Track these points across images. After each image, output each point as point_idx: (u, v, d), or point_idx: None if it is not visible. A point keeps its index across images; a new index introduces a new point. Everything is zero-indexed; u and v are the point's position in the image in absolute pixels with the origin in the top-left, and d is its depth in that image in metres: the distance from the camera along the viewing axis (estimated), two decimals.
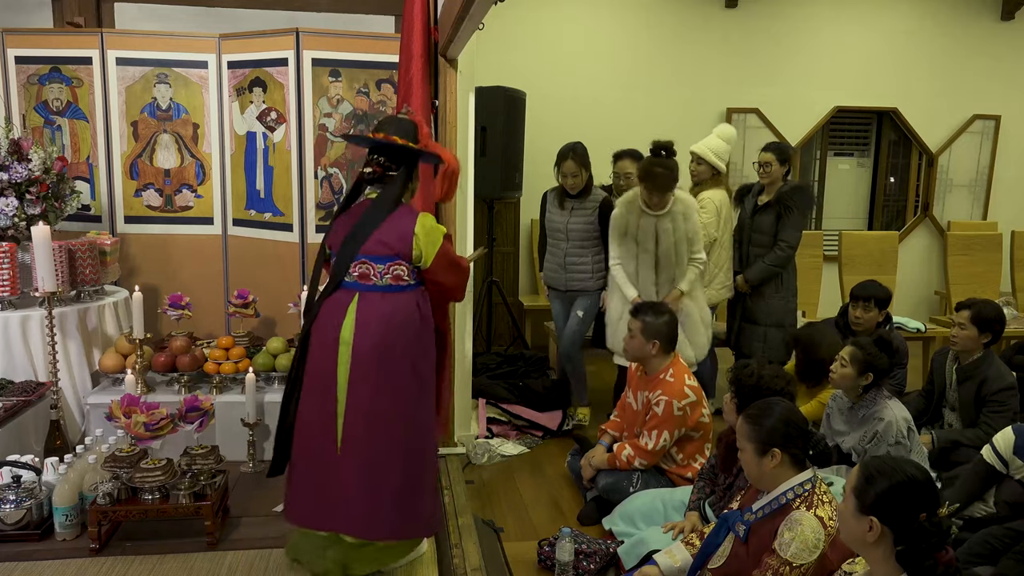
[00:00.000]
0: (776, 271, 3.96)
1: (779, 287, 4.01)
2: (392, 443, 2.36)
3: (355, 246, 2.35)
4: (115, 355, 3.44)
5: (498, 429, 4.07)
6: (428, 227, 2.38)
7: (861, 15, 6.09)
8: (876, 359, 2.87)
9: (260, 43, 3.88)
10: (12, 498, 2.62)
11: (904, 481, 1.58)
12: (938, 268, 6.43)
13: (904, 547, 1.57)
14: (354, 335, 2.32)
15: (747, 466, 2.11)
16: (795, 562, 1.93)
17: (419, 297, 2.42)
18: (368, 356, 2.31)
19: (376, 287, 2.36)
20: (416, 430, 2.41)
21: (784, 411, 2.08)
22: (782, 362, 3.87)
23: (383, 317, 2.33)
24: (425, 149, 2.45)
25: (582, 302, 3.98)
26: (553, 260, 4.02)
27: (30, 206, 3.47)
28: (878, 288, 3.72)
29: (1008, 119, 6.38)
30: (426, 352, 2.44)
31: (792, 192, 3.94)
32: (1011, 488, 2.58)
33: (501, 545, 2.86)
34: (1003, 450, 2.60)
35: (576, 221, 3.90)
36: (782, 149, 4.01)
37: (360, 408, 2.33)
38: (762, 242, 3.95)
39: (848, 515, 1.64)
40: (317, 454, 2.38)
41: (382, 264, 2.36)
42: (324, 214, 3.93)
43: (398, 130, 2.42)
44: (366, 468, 2.33)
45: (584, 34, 5.80)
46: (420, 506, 2.41)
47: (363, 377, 2.32)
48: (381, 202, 2.39)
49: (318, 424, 2.37)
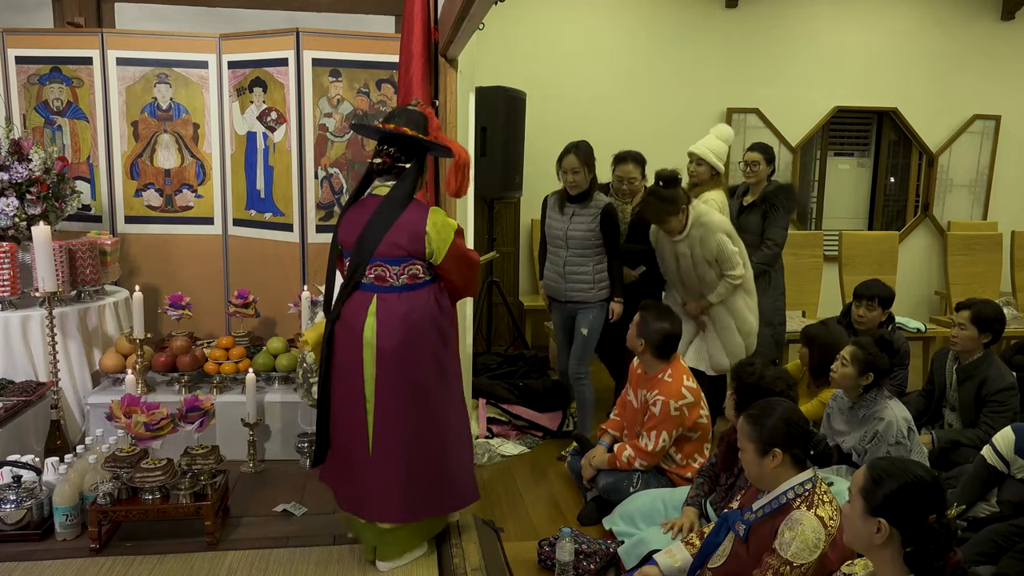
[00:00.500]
0: (764, 269, 4.00)
1: (767, 286, 4.03)
2: (422, 438, 2.44)
3: (369, 249, 2.37)
4: (115, 355, 3.44)
5: (498, 429, 4.07)
6: (439, 224, 2.40)
7: (861, 15, 6.09)
8: (877, 359, 2.87)
9: (260, 43, 3.88)
10: (12, 498, 2.62)
11: (913, 482, 1.58)
12: (938, 268, 6.43)
13: (913, 549, 1.57)
14: (376, 336, 2.37)
15: (748, 466, 2.11)
16: (795, 562, 1.93)
17: (436, 291, 2.48)
18: (391, 356, 2.38)
19: (393, 288, 2.40)
20: (444, 420, 2.49)
21: (785, 411, 2.09)
22: (773, 360, 3.91)
23: (403, 317, 2.38)
24: (435, 141, 2.44)
25: (584, 318, 3.67)
26: (552, 268, 3.75)
27: (30, 206, 3.48)
28: (882, 287, 3.72)
29: (1008, 119, 6.37)
30: (446, 340, 2.50)
31: (778, 192, 3.98)
32: (1013, 487, 2.58)
33: (501, 545, 2.86)
34: (1004, 450, 2.60)
35: (577, 227, 3.62)
36: (768, 149, 4.05)
37: (388, 408, 2.41)
38: (749, 242, 3.95)
39: (855, 517, 1.64)
40: (350, 452, 2.48)
41: (397, 266, 2.39)
42: (324, 214, 3.93)
43: (408, 120, 2.41)
44: (398, 459, 2.42)
45: (584, 34, 5.79)
46: (452, 487, 2.53)
47: (388, 378, 2.39)
48: (393, 200, 2.39)
49: (349, 424, 2.46)
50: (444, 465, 2.50)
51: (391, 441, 2.42)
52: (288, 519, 2.90)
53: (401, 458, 2.42)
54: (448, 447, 2.51)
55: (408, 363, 2.39)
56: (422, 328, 2.40)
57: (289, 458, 3.43)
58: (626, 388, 3.34)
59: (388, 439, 2.42)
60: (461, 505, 2.63)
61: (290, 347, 3.59)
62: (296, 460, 3.40)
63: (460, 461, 2.57)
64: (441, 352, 2.47)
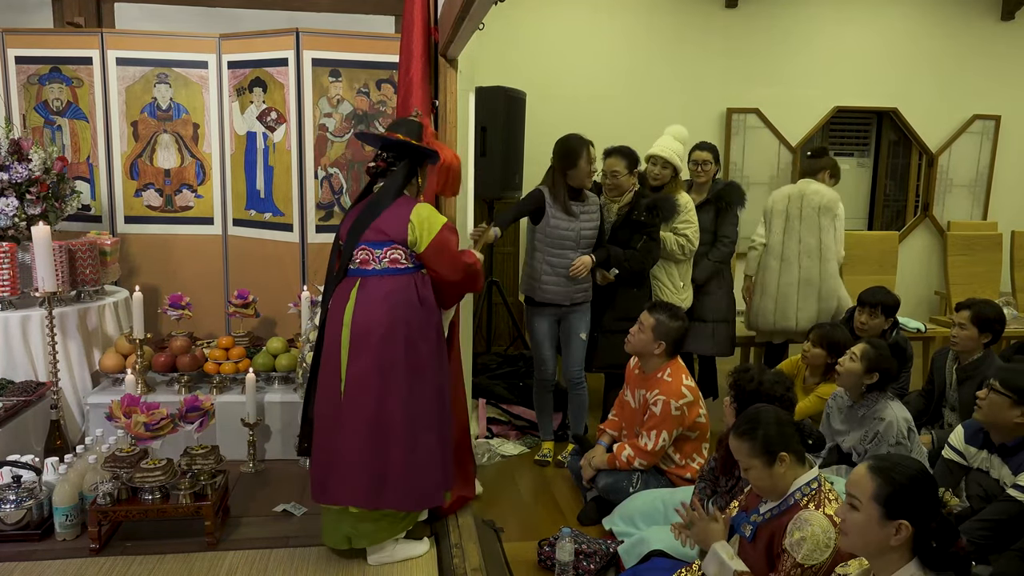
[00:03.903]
0: (721, 267, 4.05)
1: (721, 282, 4.09)
2: (388, 417, 2.47)
3: (357, 235, 2.51)
4: (115, 355, 3.44)
5: (498, 429, 4.07)
6: (424, 215, 2.50)
7: (861, 15, 6.09)
8: (886, 361, 2.87)
9: (260, 43, 3.88)
10: (12, 498, 2.62)
11: (919, 476, 1.60)
12: (938, 268, 6.43)
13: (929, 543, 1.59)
14: (352, 314, 2.46)
15: (758, 480, 2.06)
16: (807, 563, 1.91)
17: (417, 279, 2.53)
18: (363, 331, 2.45)
19: (375, 271, 2.50)
20: (415, 406, 2.50)
21: (771, 415, 2.08)
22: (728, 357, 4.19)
23: (380, 296, 2.47)
24: (425, 146, 2.60)
25: (580, 321, 3.61)
26: (556, 271, 3.53)
27: (30, 206, 3.47)
28: (887, 295, 3.65)
29: (1008, 119, 6.37)
30: (425, 335, 2.53)
31: (729, 189, 4.02)
32: (976, 478, 2.64)
33: (501, 545, 2.86)
34: (957, 444, 2.71)
35: (585, 226, 3.54)
36: (715, 148, 4.09)
37: (357, 382, 2.46)
38: (703, 239, 3.96)
39: (870, 524, 1.61)
40: (327, 431, 2.53)
41: (380, 249, 2.49)
42: (324, 214, 3.93)
43: (401, 127, 2.62)
44: (363, 439, 2.46)
45: (584, 34, 5.79)
46: (420, 480, 2.52)
47: (359, 352, 2.46)
48: (382, 193, 2.54)
49: (328, 402, 2.52)
50: (408, 458, 2.48)
51: (357, 420, 2.46)
52: (288, 519, 2.90)
53: (365, 439, 2.46)
54: (414, 440, 2.49)
55: (378, 342, 2.44)
56: (397, 312, 2.46)
57: (289, 458, 3.43)
58: (624, 388, 3.34)
59: (354, 417, 2.46)
60: (422, 505, 2.61)
61: (290, 347, 3.59)
62: (296, 460, 3.39)
63: (427, 459, 2.52)
64: (418, 342, 2.50)
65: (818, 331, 3.52)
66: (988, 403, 2.53)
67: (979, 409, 2.57)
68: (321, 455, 2.55)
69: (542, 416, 3.84)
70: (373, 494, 2.48)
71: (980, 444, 2.64)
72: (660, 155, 3.81)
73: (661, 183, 3.84)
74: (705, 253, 4.00)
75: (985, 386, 2.56)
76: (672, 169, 3.82)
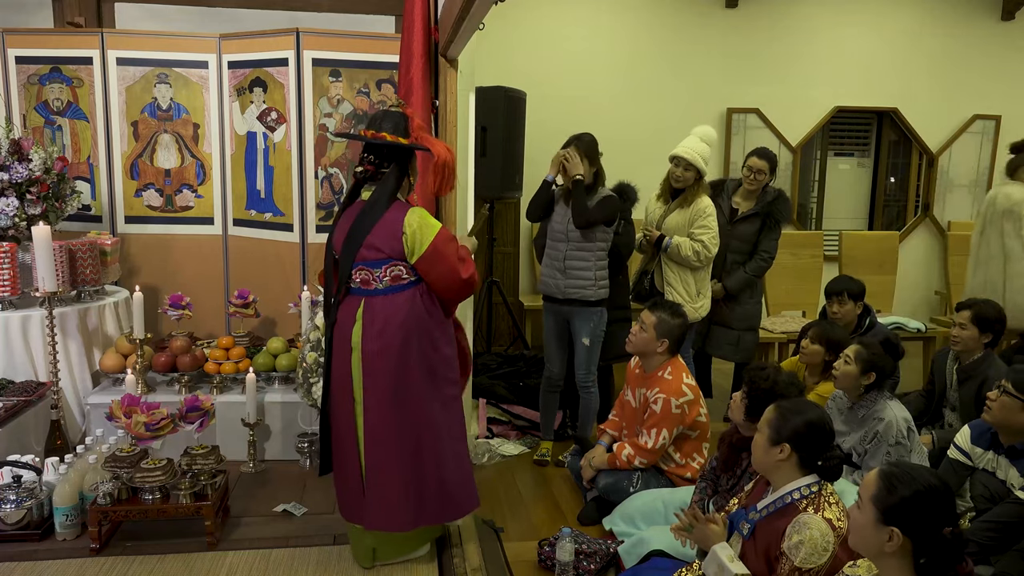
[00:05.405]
0: (755, 281, 4.01)
1: (753, 292, 4.05)
2: (413, 445, 2.43)
3: (352, 253, 2.39)
4: (115, 355, 3.44)
5: (498, 429, 4.07)
6: (418, 223, 2.37)
7: (861, 15, 6.09)
8: (880, 359, 2.87)
9: (260, 43, 3.88)
10: (13, 498, 2.62)
11: (927, 492, 1.56)
12: (938, 268, 6.42)
13: (925, 560, 1.55)
14: (362, 339, 2.39)
15: (756, 448, 2.10)
16: (805, 566, 1.91)
17: (422, 292, 2.45)
18: (375, 359, 2.38)
19: (378, 291, 2.41)
20: (435, 426, 2.47)
21: (815, 417, 2.05)
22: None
23: (386, 319, 2.38)
24: (415, 143, 2.43)
25: (584, 327, 3.51)
26: (551, 264, 3.55)
27: (30, 206, 3.48)
28: (849, 281, 3.71)
29: (1008, 119, 6.36)
30: (436, 343, 2.47)
31: (778, 203, 3.95)
32: (981, 479, 2.64)
33: (501, 545, 2.86)
34: (963, 445, 2.71)
35: None
36: (774, 158, 3.99)
37: (375, 413, 2.41)
38: (742, 250, 3.93)
39: (867, 525, 1.61)
40: (346, 458, 2.49)
41: (379, 268, 2.40)
42: (324, 214, 3.93)
43: (387, 123, 2.40)
44: (390, 472, 2.42)
45: (584, 34, 5.79)
46: (456, 490, 2.51)
47: (374, 381, 2.39)
48: (373, 202, 2.40)
49: (344, 427, 2.47)
50: (441, 473, 2.47)
51: (382, 447, 2.41)
52: (288, 519, 2.90)
53: (393, 465, 2.41)
54: (443, 454, 2.48)
55: (393, 367, 2.38)
56: (407, 331, 2.39)
57: (289, 458, 3.43)
58: (624, 388, 3.34)
59: (378, 445, 2.41)
60: (460, 514, 2.62)
61: (290, 347, 3.59)
62: (296, 460, 3.40)
63: (458, 468, 2.53)
64: (431, 355, 2.44)
65: (817, 328, 3.51)
66: (999, 405, 2.52)
67: (989, 411, 2.55)
68: (349, 480, 2.50)
69: (545, 415, 3.83)
70: (412, 516, 2.45)
71: (987, 445, 2.63)
72: (683, 157, 3.66)
73: (683, 186, 3.71)
74: (742, 264, 3.95)
75: (996, 387, 2.55)
76: (695, 172, 3.68)
